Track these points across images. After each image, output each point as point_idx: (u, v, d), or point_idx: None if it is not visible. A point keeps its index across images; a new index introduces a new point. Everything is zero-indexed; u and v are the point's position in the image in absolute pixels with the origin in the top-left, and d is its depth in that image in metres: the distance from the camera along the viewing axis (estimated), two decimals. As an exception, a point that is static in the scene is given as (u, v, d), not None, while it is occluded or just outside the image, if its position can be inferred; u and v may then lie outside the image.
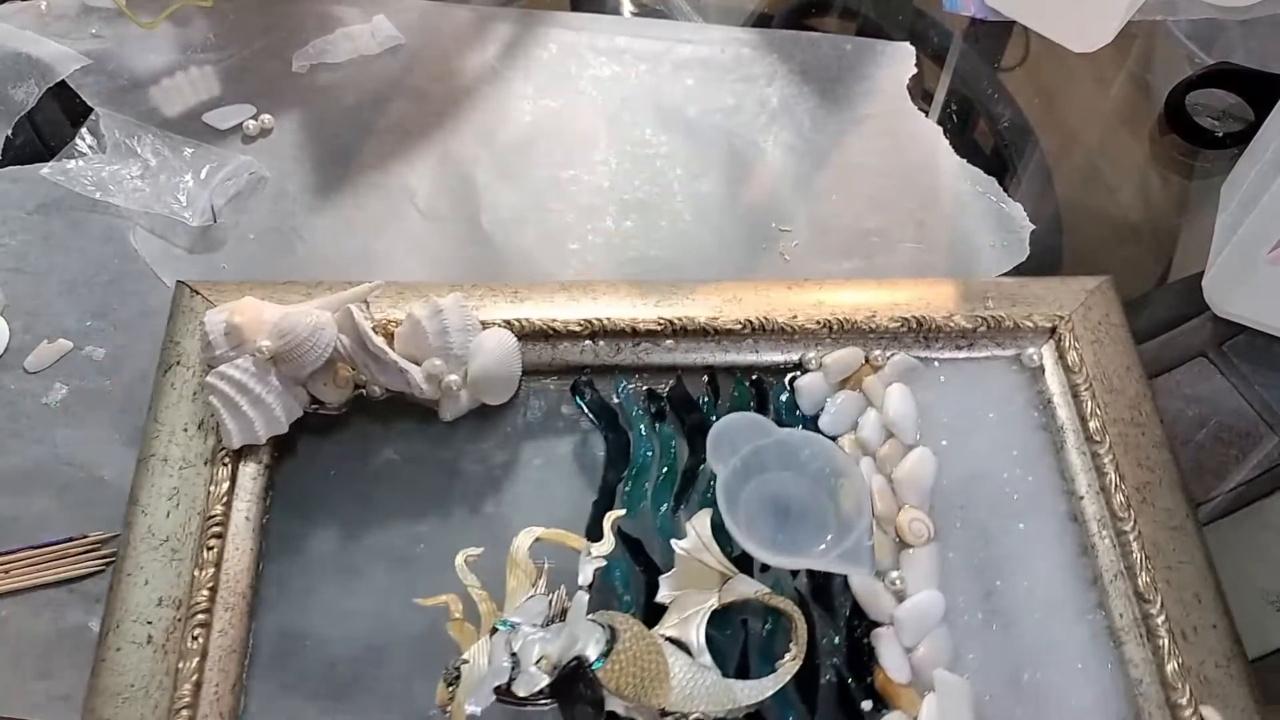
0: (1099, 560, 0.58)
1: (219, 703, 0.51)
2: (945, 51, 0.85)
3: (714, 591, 0.54)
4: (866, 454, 0.60)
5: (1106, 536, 0.58)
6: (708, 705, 0.50)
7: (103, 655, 0.52)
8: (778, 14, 0.89)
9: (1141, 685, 0.54)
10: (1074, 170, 0.78)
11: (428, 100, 0.81)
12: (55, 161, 0.75)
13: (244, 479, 0.57)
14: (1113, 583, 0.57)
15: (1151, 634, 0.55)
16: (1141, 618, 0.55)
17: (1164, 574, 0.56)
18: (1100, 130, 0.81)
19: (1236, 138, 0.78)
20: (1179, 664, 0.53)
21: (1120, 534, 0.57)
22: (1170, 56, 0.85)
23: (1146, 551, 0.57)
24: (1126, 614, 0.56)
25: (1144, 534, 0.57)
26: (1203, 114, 0.81)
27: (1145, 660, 0.54)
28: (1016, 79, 0.84)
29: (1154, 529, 0.58)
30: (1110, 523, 0.58)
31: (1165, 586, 0.56)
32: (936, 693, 0.53)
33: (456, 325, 0.60)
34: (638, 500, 0.58)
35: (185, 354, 0.61)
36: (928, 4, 0.88)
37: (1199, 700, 0.53)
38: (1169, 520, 0.58)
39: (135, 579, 0.54)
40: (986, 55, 0.85)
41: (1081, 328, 0.64)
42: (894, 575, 0.56)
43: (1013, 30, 0.86)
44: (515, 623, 0.51)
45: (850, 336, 0.64)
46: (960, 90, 0.82)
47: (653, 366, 0.63)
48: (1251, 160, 0.70)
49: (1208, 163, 0.79)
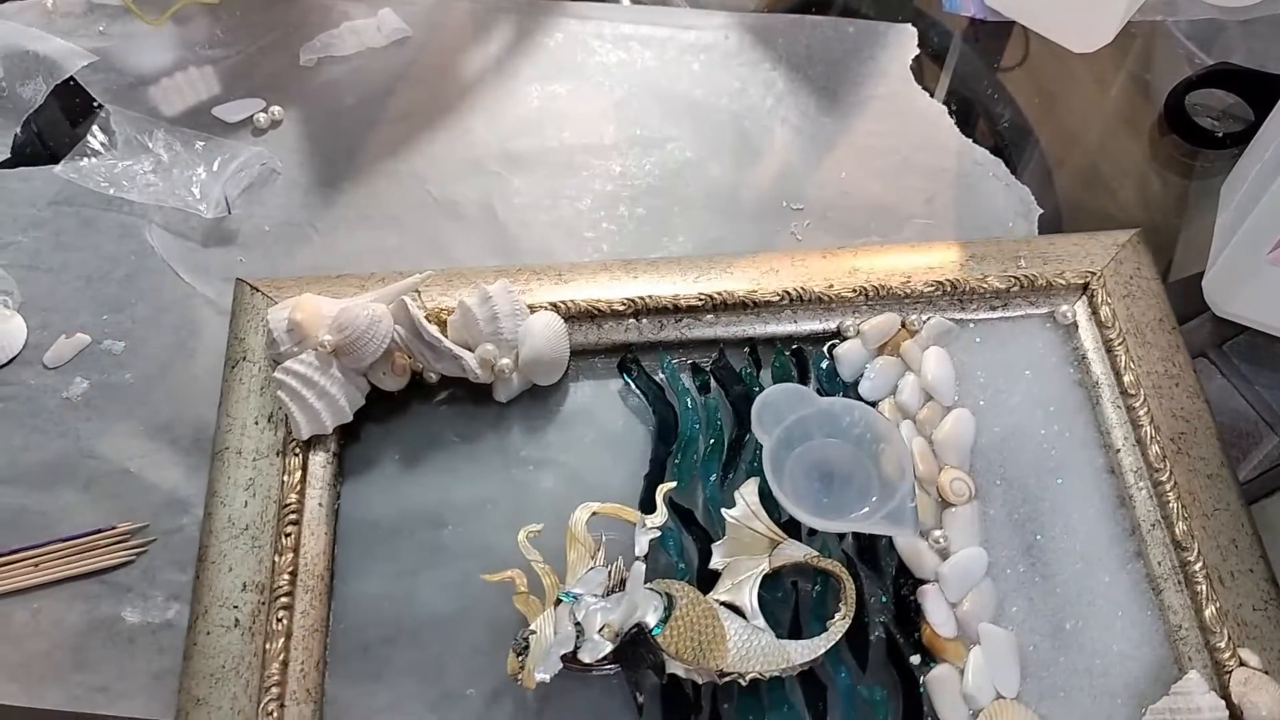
0: (1136, 511, 0.59)
1: (305, 679, 0.54)
2: (945, 52, 0.85)
3: (764, 557, 0.57)
4: (907, 417, 0.62)
5: (1144, 487, 0.60)
6: (764, 665, 0.53)
7: (193, 639, 0.55)
8: (778, 13, 0.89)
9: (1181, 630, 0.56)
10: (1074, 170, 0.79)
11: (436, 91, 0.82)
12: (68, 160, 0.76)
13: (314, 467, 0.60)
14: (1150, 532, 0.59)
15: (1190, 580, 0.57)
16: (1179, 565, 0.57)
17: (1200, 521, 0.58)
18: (1100, 130, 0.82)
19: (1236, 138, 0.78)
20: (1217, 609, 0.55)
21: (1157, 484, 0.59)
22: (1170, 56, 0.84)
23: (1183, 500, 0.58)
24: (1165, 562, 0.58)
25: (1180, 483, 0.59)
26: (1203, 114, 0.81)
27: (1184, 606, 0.56)
28: (1016, 79, 0.84)
29: (1190, 478, 0.59)
30: (1147, 474, 0.60)
31: (1202, 533, 0.58)
32: (982, 645, 0.55)
33: (506, 311, 0.62)
34: (687, 472, 0.60)
35: (250, 350, 0.64)
36: (928, 4, 0.88)
37: (1237, 643, 0.55)
38: (1204, 468, 0.60)
39: (219, 566, 0.57)
40: (986, 55, 0.86)
41: (1113, 282, 0.66)
42: (937, 534, 0.58)
43: (1013, 30, 0.86)
44: (578, 594, 0.54)
45: (886, 302, 0.65)
46: (960, 90, 0.82)
47: (695, 341, 0.66)
48: (1251, 160, 0.71)
49: (1208, 163, 0.79)
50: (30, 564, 0.60)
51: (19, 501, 0.63)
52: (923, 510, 0.59)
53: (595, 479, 0.62)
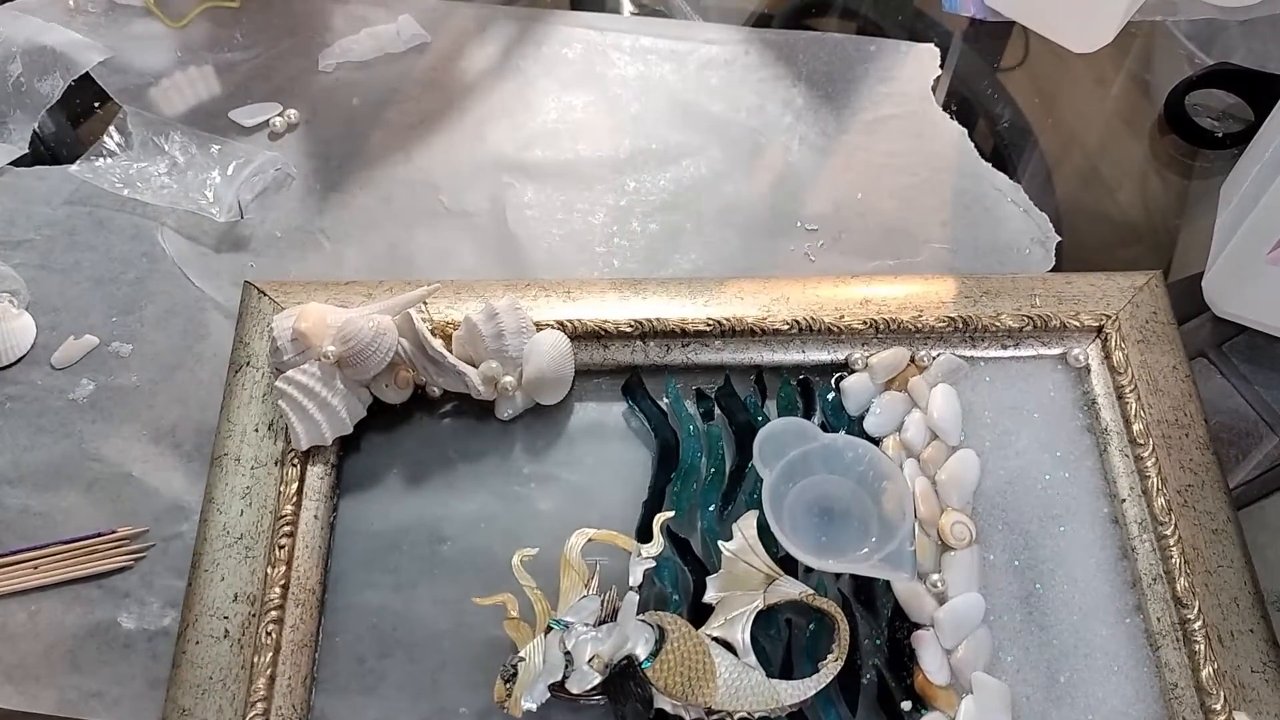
0: (1139, 563, 0.59)
1: (291, 695, 0.54)
2: (945, 52, 0.84)
3: (759, 592, 0.56)
4: (911, 456, 0.62)
5: (1147, 540, 0.59)
6: (752, 704, 0.53)
7: (183, 648, 0.55)
8: (778, 14, 0.89)
9: (1177, 689, 0.55)
10: (1074, 170, 0.78)
11: (453, 98, 0.82)
12: (84, 160, 0.76)
13: (312, 478, 0.60)
14: (1151, 586, 0.58)
15: (1188, 638, 0.56)
16: (1179, 622, 0.56)
17: (1203, 578, 0.57)
18: (1100, 130, 0.81)
19: (1236, 138, 0.78)
20: (1214, 669, 0.55)
21: (1161, 538, 0.58)
22: (1170, 56, 0.84)
23: (1186, 555, 0.58)
24: (1164, 618, 0.57)
25: (1184, 537, 0.58)
26: (1203, 114, 0.80)
27: (1181, 664, 0.56)
28: (1016, 79, 0.83)
29: (1194, 532, 0.59)
30: (1151, 526, 0.59)
31: (1204, 590, 0.57)
32: (974, 694, 0.54)
33: (512, 328, 0.62)
34: (686, 501, 0.60)
35: (254, 355, 0.64)
36: (928, 4, 0.87)
37: (1233, 706, 0.54)
38: (1210, 523, 0.59)
39: (212, 575, 0.57)
40: (986, 55, 0.85)
41: (1129, 326, 0.65)
42: (935, 578, 0.57)
43: (1013, 30, 0.85)
44: (569, 622, 0.54)
45: (896, 336, 0.65)
46: (960, 90, 0.82)
47: (701, 366, 0.65)
48: (1251, 160, 0.70)
49: (1208, 163, 0.78)
50: (30, 565, 0.60)
51: (21, 502, 0.63)
52: (922, 553, 0.58)
53: (595, 501, 0.61)
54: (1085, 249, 0.73)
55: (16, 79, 0.81)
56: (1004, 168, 0.78)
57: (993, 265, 0.73)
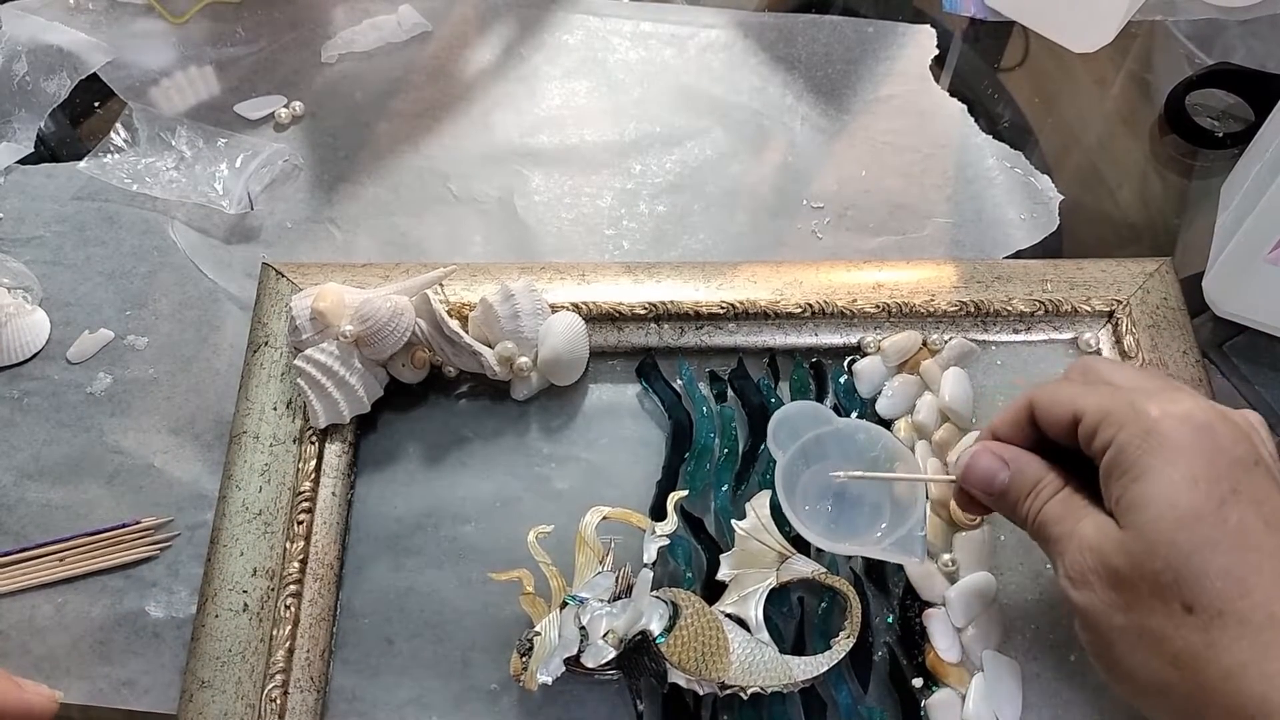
0: (1149, 545, 0.59)
1: (310, 668, 0.55)
2: (945, 52, 0.84)
3: (772, 570, 0.57)
4: (923, 438, 0.62)
5: (1157, 521, 0.59)
6: (765, 679, 0.53)
7: (202, 621, 0.56)
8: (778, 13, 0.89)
9: (1186, 668, 0.56)
10: (1074, 170, 0.78)
11: (456, 86, 0.82)
12: (91, 156, 0.76)
13: (330, 456, 0.61)
14: (1161, 567, 0.58)
15: (1198, 618, 0.56)
16: (1188, 602, 0.57)
17: (1213, 559, 0.58)
18: (1100, 130, 0.81)
19: (1236, 138, 0.78)
20: (1224, 648, 0.55)
21: (1171, 519, 0.59)
22: (1170, 56, 0.83)
23: (1196, 537, 0.58)
24: (1174, 598, 0.57)
25: (1194, 520, 0.58)
26: (1203, 114, 0.80)
27: (1190, 644, 0.56)
28: (1016, 79, 0.83)
29: (1204, 515, 0.59)
30: (1161, 508, 0.59)
31: (1213, 571, 0.57)
32: (985, 672, 0.55)
33: (527, 309, 0.62)
34: (699, 480, 0.61)
35: (272, 335, 0.64)
36: (928, 4, 0.87)
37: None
38: (1220, 506, 0.59)
39: (231, 550, 0.58)
40: (986, 55, 0.85)
41: (1139, 311, 0.65)
42: (947, 557, 0.58)
43: (1013, 30, 0.85)
44: (584, 598, 0.54)
45: (908, 319, 0.65)
46: (960, 90, 0.82)
47: (715, 348, 0.66)
48: (1251, 160, 0.70)
49: (1208, 163, 0.78)
50: (55, 558, 0.61)
51: (44, 496, 0.64)
52: (934, 533, 0.59)
53: (610, 480, 0.62)
54: (1085, 249, 0.73)
55: (22, 78, 0.81)
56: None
57: (998, 235, 0.74)
